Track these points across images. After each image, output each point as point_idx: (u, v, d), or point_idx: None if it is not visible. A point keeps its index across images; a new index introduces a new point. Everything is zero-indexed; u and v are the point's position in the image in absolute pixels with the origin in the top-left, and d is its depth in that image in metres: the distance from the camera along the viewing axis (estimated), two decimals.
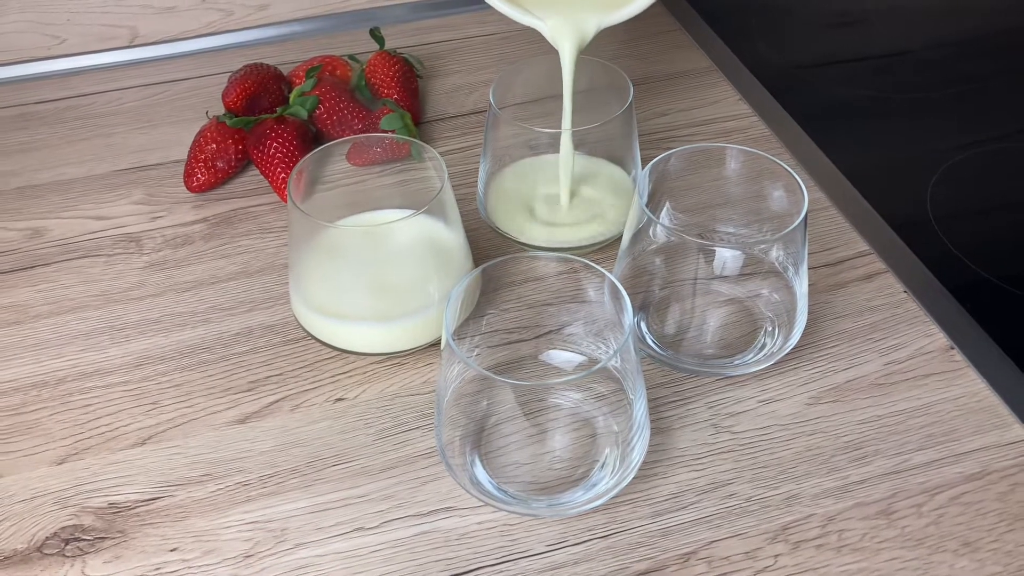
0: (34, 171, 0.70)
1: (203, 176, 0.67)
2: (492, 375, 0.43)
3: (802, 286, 0.53)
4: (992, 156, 0.71)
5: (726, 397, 0.53)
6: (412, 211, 0.52)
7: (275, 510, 0.49)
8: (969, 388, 0.53)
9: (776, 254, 0.53)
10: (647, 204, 0.52)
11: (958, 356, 0.55)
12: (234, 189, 0.68)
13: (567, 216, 0.62)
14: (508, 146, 0.62)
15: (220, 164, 0.67)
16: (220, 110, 0.71)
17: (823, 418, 0.52)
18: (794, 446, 0.51)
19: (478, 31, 0.83)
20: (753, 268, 0.54)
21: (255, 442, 0.52)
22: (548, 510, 0.47)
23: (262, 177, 0.68)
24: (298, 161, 0.63)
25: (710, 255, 0.53)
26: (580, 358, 0.53)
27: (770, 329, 0.54)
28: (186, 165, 0.67)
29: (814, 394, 0.53)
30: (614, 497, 0.47)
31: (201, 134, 0.68)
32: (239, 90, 0.69)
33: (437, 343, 0.55)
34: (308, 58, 0.74)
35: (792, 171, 0.53)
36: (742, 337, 0.55)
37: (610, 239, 0.61)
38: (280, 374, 0.55)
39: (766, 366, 0.53)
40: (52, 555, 0.47)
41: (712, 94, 0.76)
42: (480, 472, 0.48)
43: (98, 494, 0.50)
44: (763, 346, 0.54)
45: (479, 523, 0.48)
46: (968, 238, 0.63)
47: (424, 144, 0.57)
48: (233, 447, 0.52)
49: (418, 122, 0.73)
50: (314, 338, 0.56)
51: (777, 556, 0.46)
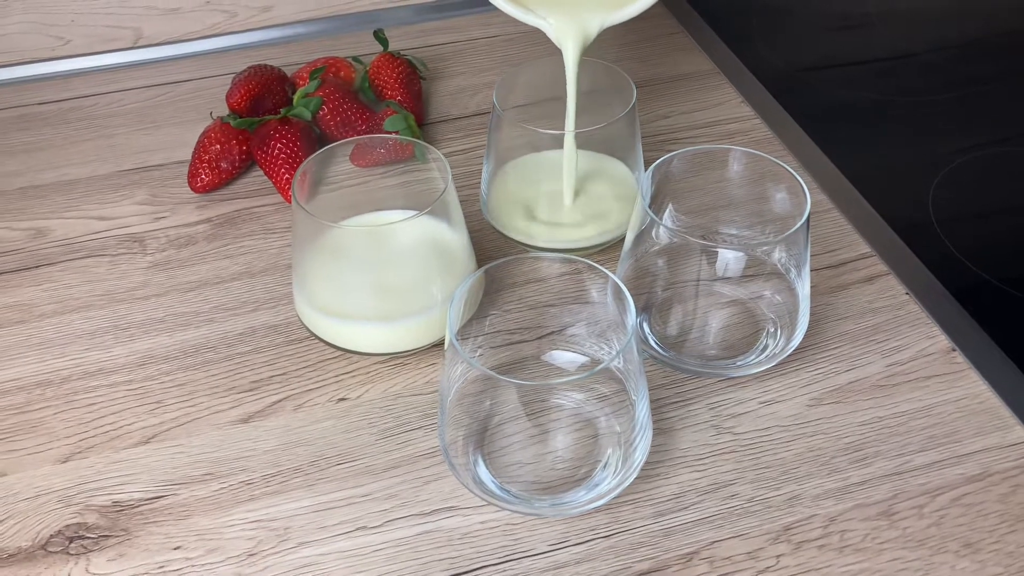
0: (38, 171, 0.71)
1: (207, 177, 0.67)
2: (496, 375, 0.43)
3: (804, 288, 0.53)
4: (994, 159, 0.71)
5: (728, 398, 0.54)
6: (416, 212, 0.52)
7: (278, 509, 0.49)
8: (970, 390, 0.54)
9: (778, 256, 0.53)
10: (650, 205, 0.53)
11: (959, 358, 0.55)
12: (238, 190, 0.68)
13: (570, 217, 0.62)
14: (512, 147, 0.62)
15: (224, 165, 0.67)
16: (224, 111, 0.71)
17: (825, 419, 0.52)
18: (796, 447, 0.51)
19: (481, 33, 0.83)
20: (755, 270, 0.54)
21: (258, 441, 0.52)
22: (551, 510, 0.47)
23: (265, 178, 0.68)
24: (302, 162, 0.63)
25: (713, 257, 0.53)
26: (583, 359, 0.53)
27: (772, 330, 0.54)
28: (190, 166, 0.68)
29: (816, 395, 0.54)
30: (616, 497, 0.47)
31: (205, 135, 0.68)
32: (243, 91, 0.69)
33: (440, 343, 0.55)
34: (312, 59, 0.74)
35: (794, 173, 0.53)
36: (744, 338, 0.55)
37: (613, 240, 0.62)
38: (283, 374, 0.55)
39: (768, 367, 0.54)
40: (56, 553, 0.47)
41: (714, 96, 0.76)
42: (483, 472, 0.48)
43: (102, 492, 0.50)
44: (765, 347, 0.54)
45: (482, 522, 0.48)
46: (970, 240, 0.63)
47: (428, 145, 0.57)
48: (236, 446, 0.52)
49: (421, 123, 0.73)
50: (317, 338, 0.56)
51: (779, 556, 0.46)
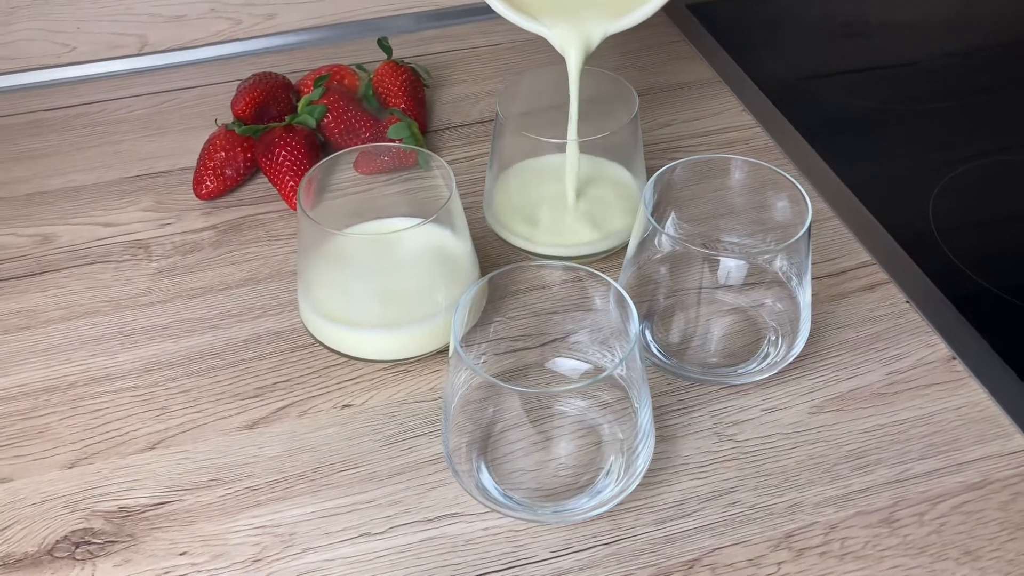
0: (44, 178, 0.71)
1: (212, 183, 0.67)
2: (499, 382, 0.44)
3: (805, 296, 0.53)
4: (994, 168, 0.71)
5: (730, 406, 0.54)
6: (420, 219, 0.52)
7: (283, 515, 0.49)
8: (971, 398, 0.54)
9: (780, 264, 0.53)
10: (652, 214, 0.53)
11: (960, 366, 0.55)
12: (242, 197, 0.69)
13: (573, 224, 0.62)
14: (514, 155, 0.62)
15: (229, 172, 0.67)
16: (229, 118, 0.71)
17: (826, 427, 0.53)
18: (797, 454, 0.51)
19: (484, 41, 0.83)
20: (757, 278, 0.54)
21: (263, 447, 0.52)
22: (553, 516, 0.47)
23: (270, 185, 0.69)
24: (306, 169, 0.64)
25: (714, 265, 0.53)
26: (586, 366, 0.53)
27: (773, 338, 0.55)
28: (195, 172, 0.68)
29: (817, 403, 0.54)
30: (619, 504, 0.48)
31: (210, 142, 0.68)
32: (248, 98, 0.69)
33: (444, 350, 0.56)
34: (316, 67, 0.75)
35: (796, 182, 0.53)
36: (746, 346, 0.55)
37: (616, 248, 0.62)
38: (288, 380, 0.56)
39: (769, 375, 0.54)
40: (62, 558, 0.48)
41: (715, 105, 0.76)
42: (486, 478, 0.48)
43: (108, 498, 0.50)
44: (766, 355, 0.54)
45: (485, 529, 0.48)
46: (970, 249, 0.64)
47: (431, 153, 0.57)
48: (241, 452, 0.52)
49: (425, 131, 0.73)
50: (322, 345, 0.56)
51: (780, 563, 0.47)
